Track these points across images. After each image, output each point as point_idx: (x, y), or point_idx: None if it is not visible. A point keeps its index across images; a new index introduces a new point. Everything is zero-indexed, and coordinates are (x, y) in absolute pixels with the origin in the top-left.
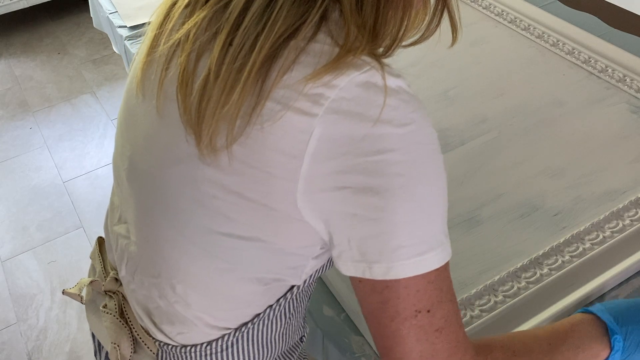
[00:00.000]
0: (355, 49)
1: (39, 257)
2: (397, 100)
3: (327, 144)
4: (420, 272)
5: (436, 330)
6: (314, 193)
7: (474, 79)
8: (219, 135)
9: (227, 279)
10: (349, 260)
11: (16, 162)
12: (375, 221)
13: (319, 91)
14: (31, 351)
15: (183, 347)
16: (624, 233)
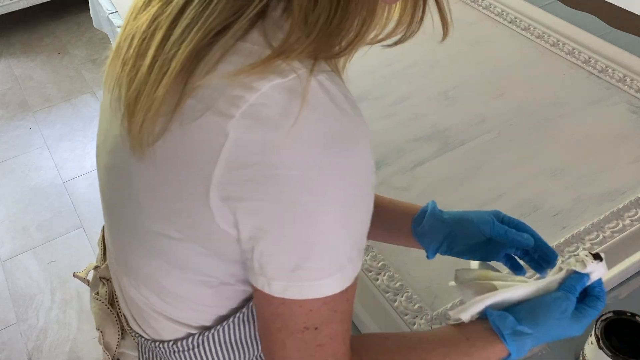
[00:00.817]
0: (291, 51)
1: (39, 257)
2: (319, 114)
3: (240, 150)
4: (318, 295)
5: (318, 345)
6: (224, 200)
7: (474, 79)
8: (145, 131)
9: (174, 280)
10: (251, 270)
11: (16, 162)
12: (277, 239)
13: (238, 93)
14: (31, 351)
15: (154, 342)
16: (624, 233)
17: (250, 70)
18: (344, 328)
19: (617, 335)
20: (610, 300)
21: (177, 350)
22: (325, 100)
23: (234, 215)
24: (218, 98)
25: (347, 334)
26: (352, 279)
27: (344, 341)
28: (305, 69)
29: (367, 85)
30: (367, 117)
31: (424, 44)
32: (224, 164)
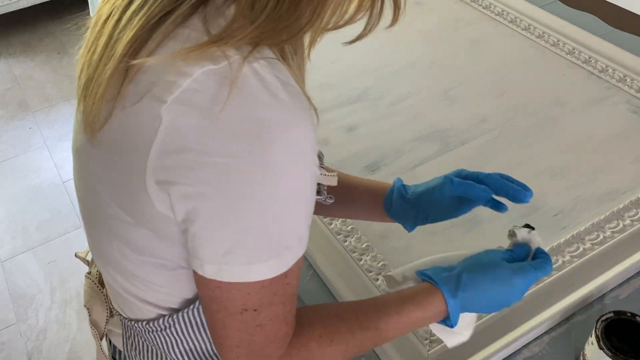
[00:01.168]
0: (230, 38)
1: (38, 257)
2: (248, 101)
3: (173, 135)
4: (251, 279)
5: (257, 326)
6: (159, 183)
7: (474, 79)
8: (95, 115)
9: (135, 263)
10: (188, 252)
11: (16, 162)
12: (209, 223)
13: (172, 79)
14: (31, 351)
15: (130, 321)
16: (625, 233)
17: (183, 55)
18: (286, 310)
19: (617, 335)
20: (611, 300)
21: (150, 330)
22: (257, 87)
23: (169, 199)
24: (154, 83)
25: (289, 315)
26: (290, 265)
27: (286, 321)
28: (239, 56)
29: (366, 85)
30: (367, 117)
31: (423, 43)
32: (158, 148)
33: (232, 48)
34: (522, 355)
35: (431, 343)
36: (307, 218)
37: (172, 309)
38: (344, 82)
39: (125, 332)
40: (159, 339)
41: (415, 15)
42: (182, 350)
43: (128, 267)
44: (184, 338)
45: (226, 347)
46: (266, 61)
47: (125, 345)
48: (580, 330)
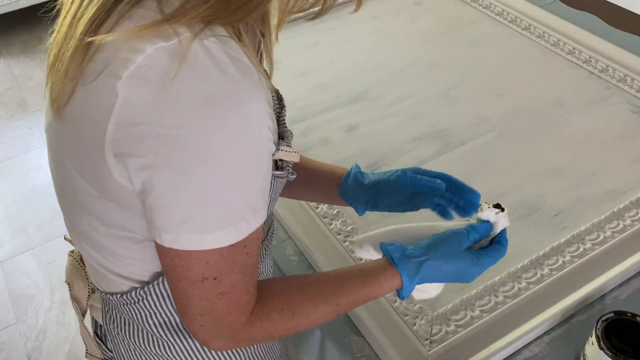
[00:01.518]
0: (181, 17)
1: (38, 257)
2: (197, 76)
3: (128, 109)
4: (207, 247)
5: (219, 294)
6: (117, 156)
7: (474, 79)
8: (60, 92)
9: (104, 236)
10: (148, 223)
11: (15, 162)
12: (163, 193)
13: (127, 55)
14: (30, 351)
15: (106, 294)
16: (625, 233)
17: (137, 33)
18: (246, 279)
19: (617, 335)
20: (611, 300)
21: (125, 302)
22: (207, 63)
23: (126, 171)
24: (111, 60)
25: (249, 284)
26: (245, 234)
27: (247, 290)
28: (189, 33)
29: (366, 84)
30: (366, 117)
31: (423, 44)
32: (114, 122)
33: (184, 26)
34: (523, 355)
35: (431, 343)
36: (261, 190)
37: (143, 282)
38: (344, 82)
39: (104, 306)
40: (133, 311)
41: (415, 15)
42: (156, 323)
43: (99, 241)
44: (157, 310)
45: (189, 315)
46: (217, 38)
47: (104, 319)
48: (581, 331)
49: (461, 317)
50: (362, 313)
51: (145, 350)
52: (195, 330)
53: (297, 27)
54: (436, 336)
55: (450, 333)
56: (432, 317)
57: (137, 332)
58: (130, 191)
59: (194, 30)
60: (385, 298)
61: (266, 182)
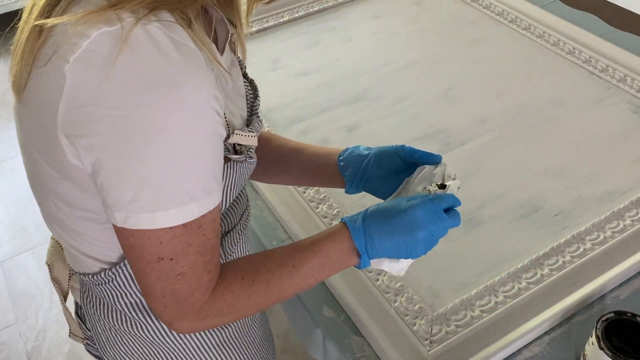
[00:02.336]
0: (125, 2)
1: (38, 257)
2: (138, 59)
3: (75, 91)
4: (157, 227)
5: (178, 275)
6: (69, 138)
7: (474, 79)
8: (16, 75)
9: (70, 218)
10: (102, 203)
11: (16, 162)
12: (111, 173)
13: (74, 40)
14: (30, 352)
15: (80, 274)
16: (625, 233)
17: (82, 18)
18: (205, 260)
19: (617, 335)
20: (611, 300)
21: (96, 282)
22: (148, 46)
23: (77, 151)
24: (60, 45)
25: (209, 264)
26: (197, 215)
27: (207, 270)
28: (132, 18)
29: (366, 84)
30: (366, 117)
31: (423, 44)
32: (64, 104)
33: (128, 12)
34: (523, 355)
35: (431, 343)
36: (211, 172)
37: (111, 263)
38: (344, 82)
39: (81, 287)
40: (105, 291)
41: (415, 15)
42: (126, 303)
43: (66, 222)
44: (126, 291)
45: (152, 297)
46: (161, 23)
47: (82, 300)
48: (581, 331)
49: (461, 317)
50: (362, 313)
51: (119, 330)
52: (160, 312)
53: (297, 27)
54: (436, 336)
55: (450, 333)
56: (432, 317)
57: (111, 311)
58: (84, 172)
59: (137, 16)
60: (386, 299)
61: (217, 164)
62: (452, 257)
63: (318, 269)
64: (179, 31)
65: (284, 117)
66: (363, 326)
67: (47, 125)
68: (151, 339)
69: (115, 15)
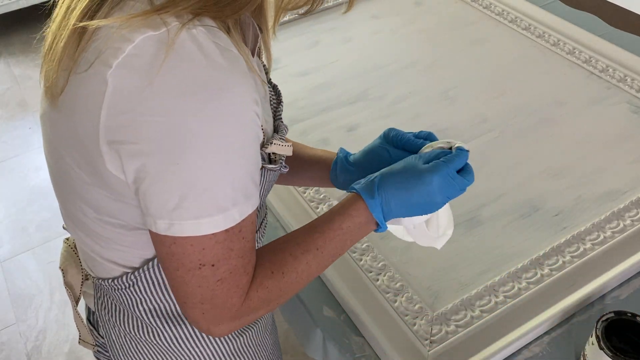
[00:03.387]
0: (171, 7)
1: (38, 257)
2: (184, 64)
3: (118, 97)
4: (201, 233)
5: (218, 280)
6: (110, 144)
7: (474, 79)
8: (53, 81)
9: (97, 223)
10: (142, 211)
11: (15, 162)
12: (156, 180)
13: (117, 45)
14: (30, 352)
15: (98, 279)
16: (625, 233)
17: (126, 22)
18: (244, 262)
19: (617, 335)
20: (611, 300)
21: (116, 287)
22: (194, 51)
23: (119, 159)
24: (102, 50)
25: (248, 265)
26: (238, 220)
27: (246, 271)
28: (178, 23)
29: (366, 84)
30: (366, 117)
31: (423, 43)
32: (106, 110)
33: (172, 16)
34: (523, 355)
35: (431, 343)
36: (251, 176)
37: (133, 267)
38: (344, 82)
39: (96, 293)
40: (124, 296)
41: (415, 15)
42: (146, 309)
43: (91, 227)
44: (147, 296)
45: (189, 304)
46: (205, 28)
47: (96, 306)
48: (581, 331)
49: (461, 317)
50: (362, 313)
51: (136, 337)
52: (197, 319)
53: (297, 27)
54: (436, 336)
55: (450, 333)
56: (432, 317)
57: (127, 318)
58: (122, 181)
59: (182, 20)
60: (386, 299)
61: (256, 168)
62: (452, 257)
63: (341, 245)
64: (222, 36)
65: (284, 117)
66: (363, 326)
67: (86, 132)
68: (167, 347)
69: (160, 19)
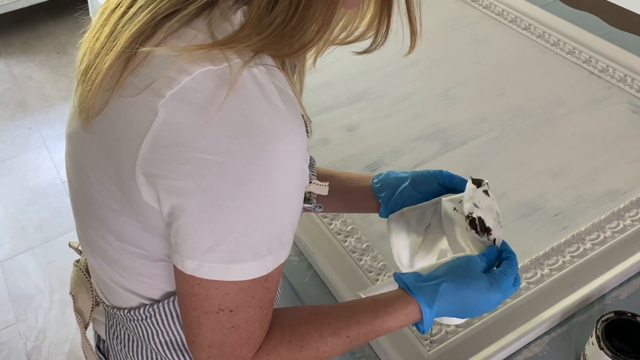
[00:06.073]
0: (234, 43)
1: (38, 257)
2: (244, 104)
3: (166, 129)
4: (230, 278)
5: (232, 327)
6: (148, 176)
7: (474, 79)
8: (90, 102)
9: (119, 252)
10: (170, 246)
11: (15, 162)
12: (193, 219)
13: (172, 75)
14: (30, 352)
15: (113, 308)
16: (625, 233)
17: (188, 52)
18: (262, 314)
19: (617, 335)
20: (611, 300)
21: (132, 318)
22: (255, 92)
23: (155, 191)
24: (155, 77)
25: (264, 319)
26: (270, 269)
27: (261, 325)
28: (239, 60)
29: (366, 84)
30: (367, 117)
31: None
32: (150, 141)
33: (233, 52)
34: (523, 355)
35: (431, 343)
36: (292, 225)
37: (153, 300)
38: (344, 82)
39: (108, 321)
40: (139, 327)
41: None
42: (161, 341)
43: (112, 255)
44: (163, 329)
45: (197, 345)
46: (265, 68)
47: (107, 334)
48: (581, 331)
49: None
50: None
51: None
52: None
53: None
54: (436, 336)
55: (450, 333)
56: None
57: (141, 349)
58: (156, 212)
59: (243, 58)
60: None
61: (297, 215)
62: None
63: (374, 337)
64: (280, 76)
65: None
66: None
67: (122, 159)
68: None
69: (222, 54)
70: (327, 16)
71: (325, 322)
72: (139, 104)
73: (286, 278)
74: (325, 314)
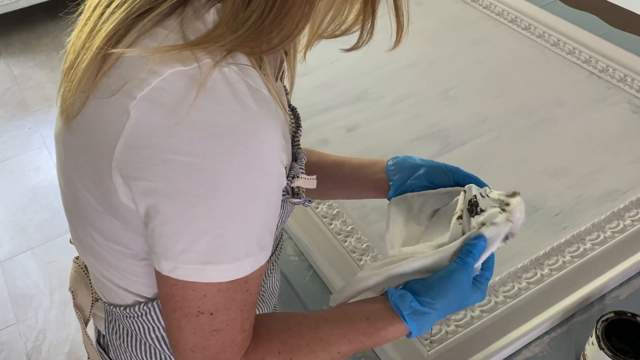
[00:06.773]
0: (206, 43)
1: (38, 257)
2: (215, 104)
3: (139, 131)
4: (206, 280)
5: (214, 330)
6: (125, 178)
7: (474, 79)
8: (69, 101)
9: (108, 251)
10: (149, 247)
11: (15, 162)
12: (167, 220)
13: (143, 76)
14: (30, 352)
15: (110, 305)
16: (625, 233)
17: (158, 54)
18: (244, 317)
19: (617, 335)
20: (611, 300)
21: (128, 315)
22: (225, 92)
23: (131, 192)
24: (127, 79)
25: (246, 322)
26: (249, 271)
27: (243, 328)
28: (210, 60)
29: (366, 84)
30: (367, 117)
31: (423, 44)
32: (124, 142)
33: (204, 52)
34: (523, 355)
35: (431, 343)
36: (269, 226)
37: (146, 298)
38: (344, 82)
39: (107, 317)
40: (136, 324)
41: (415, 15)
42: (158, 336)
43: (102, 254)
44: (159, 325)
45: (180, 349)
46: (238, 67)
47: (107, 329)
48: (581, 331)
49: (461, 317)
50: None
51: None
52: None
53: None
54: (436, 336)
55: (450, 333)
56: None
57: (139, 344)
58: (134, 212)
59: (214, 57)
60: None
61: (275, 218)
62: None
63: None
64: (254, 75)
65: None
66: None
67: (100, 160)
68: None
69: (192, 54)
70: (306, 9)
71: (317, 336)
72: (112, 105)
73: (286, 278)
74: (317, 327)
